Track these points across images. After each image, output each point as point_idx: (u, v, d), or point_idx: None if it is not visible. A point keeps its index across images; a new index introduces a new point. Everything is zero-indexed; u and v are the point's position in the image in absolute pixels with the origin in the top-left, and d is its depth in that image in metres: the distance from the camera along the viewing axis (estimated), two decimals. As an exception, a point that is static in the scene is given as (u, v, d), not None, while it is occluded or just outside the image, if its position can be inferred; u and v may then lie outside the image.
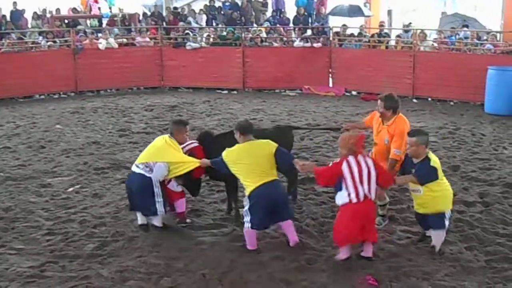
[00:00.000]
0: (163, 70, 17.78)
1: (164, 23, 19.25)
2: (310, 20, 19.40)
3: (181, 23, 19.01)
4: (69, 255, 6.29)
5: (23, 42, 17.08)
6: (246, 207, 6.12)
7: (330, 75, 16.90)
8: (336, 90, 16.53)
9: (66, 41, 17.29)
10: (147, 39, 18.11)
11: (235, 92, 17.12)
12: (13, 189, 8.48)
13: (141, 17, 20.10)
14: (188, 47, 17.58)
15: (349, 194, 5.81)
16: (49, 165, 9.70)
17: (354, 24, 18.71)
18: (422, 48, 15.86)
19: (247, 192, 6.08)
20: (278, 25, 18.94)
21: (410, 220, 7.16)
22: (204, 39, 18.11)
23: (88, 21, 19.93)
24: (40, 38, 17.39)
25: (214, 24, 19.63)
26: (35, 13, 19.75)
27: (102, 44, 17.18)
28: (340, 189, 5.88)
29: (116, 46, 17.41)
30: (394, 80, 15.76)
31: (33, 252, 6.38)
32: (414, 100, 15.41)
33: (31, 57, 16.50)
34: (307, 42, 17.20)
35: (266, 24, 19.27)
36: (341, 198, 5.90)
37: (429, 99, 15.47)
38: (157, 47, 17.87)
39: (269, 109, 14.45)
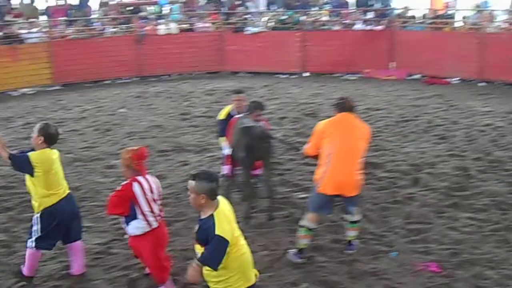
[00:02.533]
0: (224, 55, 17.90)
1: (224, 8, 19.34)
2: (371, 2, 19.01)
3: (240, 8, 19.05)
4: (134, 234, 6.49)
5: (89, 29, 17.57)
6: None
7: (392, 58, 16.55)
8: (398, 74, 16.20)
9: (129, 27, 17.68)
10: (208, 24, 18.27)
11: (294, 76, 17.07)
12: (81, 170, 8.83)
13: (201, 3, 20.27)
14: (247, 32, 17.62)
15: (147, 221, 5.05)
16: (114, 147, 10.02)
17: (417, 5, 18.19)
18: (490, 30, 15.27)
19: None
20: (338, 8, 18.67)
21: (475, 207, 6.98)
22: (263, 24, 18.09)
23: (150, 8, 20.27)
24: (100, 24, 17.82)
25: (273, 8, 19.56)
26: (100, 0, 20.26)
27: (162, 30, 17.46)
28: (135, 217, 5.02)
29: (176, 31, 17.65)
30: (460, 63, 15.29)
31: (100, 230, 6.65)
32: (481, 84, 14.91)
33: (97, 43, 16.97)
34: (369, 25, 16.89)
35: (325, 7, 19.03)
36: (139, 227, 5.05)
37: (497, 82, 14.92)
38: (217, 32, 17.99)
39: (328, 93, 14.33)
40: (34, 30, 16.86)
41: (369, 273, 5.54)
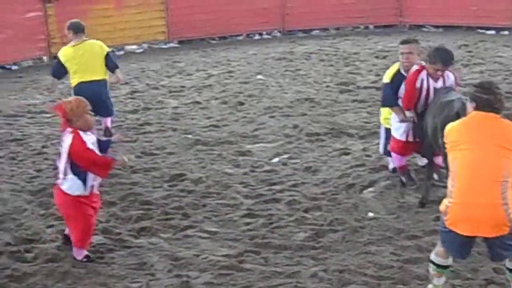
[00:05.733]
0: (402, 1, 17.72)
1: None
2: None
3: None
4: (273, 245, 6.77)
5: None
6: None
7: None
8: None
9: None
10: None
11: (505, 32, 16.54)
12: (204, 156, 9.30)
13: None
14: (439, -33, 17.33)
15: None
16: (248, 127, 10.43)
17: None
18: None
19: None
20: None
21: None
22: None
23: None
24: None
25: None
26: None
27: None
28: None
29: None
30: None
31: (229, 238, 6.98)
32: None
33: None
34: None
35: None
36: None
37: None
38: (395, -31, 17.89)
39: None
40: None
41: None
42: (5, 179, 8.81)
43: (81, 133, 6.27)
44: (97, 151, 6.35)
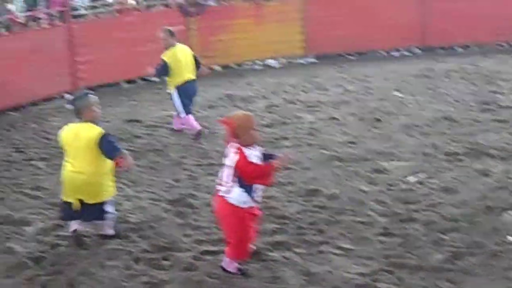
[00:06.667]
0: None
1: None
2: None
3: None
4: (409, 265, 6.68)
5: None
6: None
7: None
8: None
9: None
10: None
11: None
12: (340, 172, 9.32)
13: None
14: None
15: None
16: (385, 144, 10.37)
17: None
18: None
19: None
20: None
21: None
22: None
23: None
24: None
25: None
26: None
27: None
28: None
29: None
30: None
31: (363, 255, 6.94)
32: None
33: (363, 1, 17.49)
34: None
35: None
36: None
37: None
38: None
39: None
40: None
41: None
42: (145, 187, 9.16)
43: (244, 148, 6.38)
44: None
